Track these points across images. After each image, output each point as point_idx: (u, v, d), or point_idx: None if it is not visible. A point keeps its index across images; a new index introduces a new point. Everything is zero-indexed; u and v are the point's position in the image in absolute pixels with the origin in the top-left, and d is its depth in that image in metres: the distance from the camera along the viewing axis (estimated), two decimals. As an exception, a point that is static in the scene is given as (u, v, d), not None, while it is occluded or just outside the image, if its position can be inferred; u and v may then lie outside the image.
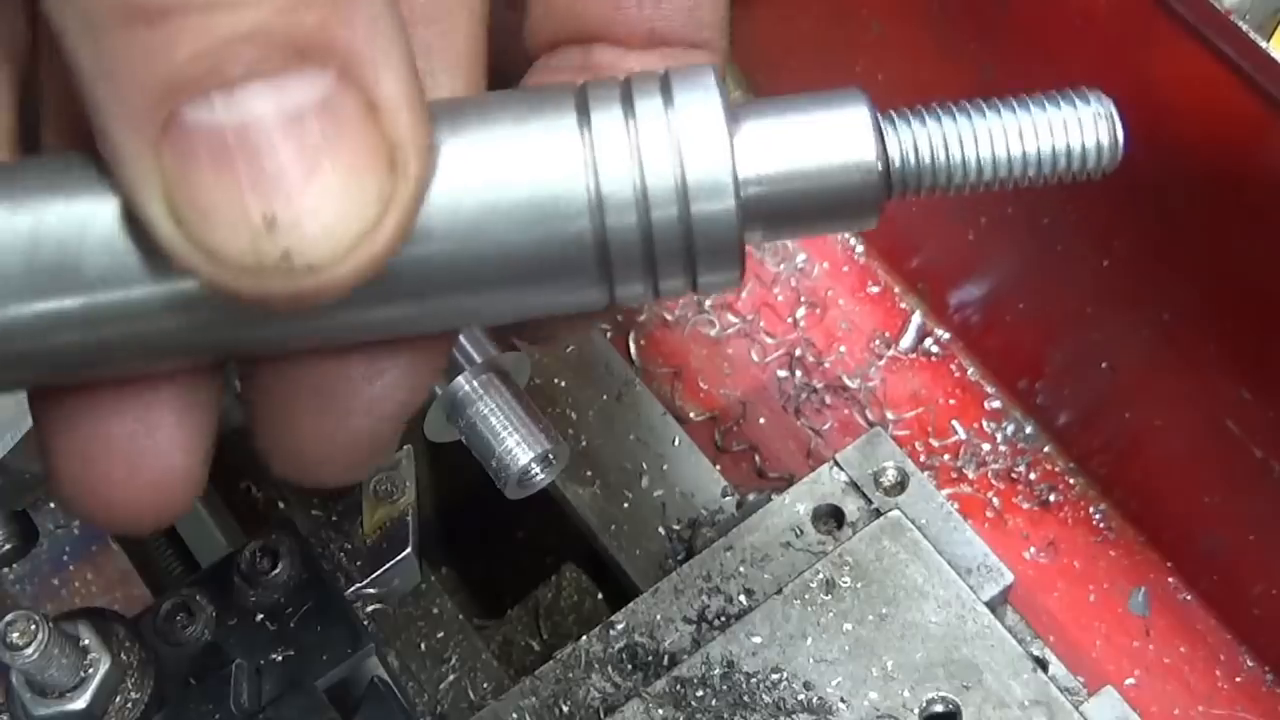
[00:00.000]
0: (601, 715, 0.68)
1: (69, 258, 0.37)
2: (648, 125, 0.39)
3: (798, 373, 0.92)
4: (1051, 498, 0.87)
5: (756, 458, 0.89)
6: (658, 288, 0.41)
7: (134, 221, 0.37)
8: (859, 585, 0.70)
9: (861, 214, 0.41)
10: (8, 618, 0.57)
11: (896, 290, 0.94)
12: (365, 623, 0.73)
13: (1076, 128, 0.42)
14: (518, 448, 0.64)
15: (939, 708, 0.67)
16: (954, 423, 0.90)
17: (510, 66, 0.47)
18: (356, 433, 0.43)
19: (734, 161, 0.39)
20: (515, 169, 0.38)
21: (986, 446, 0.89)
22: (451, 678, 0.77)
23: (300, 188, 0.35)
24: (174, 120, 0.35)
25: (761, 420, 0.90)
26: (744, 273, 0.41)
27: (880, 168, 0.41)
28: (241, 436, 0.45)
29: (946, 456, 0.89)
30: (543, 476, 0.65)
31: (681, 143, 0.39)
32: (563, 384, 0.86)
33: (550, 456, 0.64)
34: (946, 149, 0.41)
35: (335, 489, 0.81)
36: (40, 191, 0.38)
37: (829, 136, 0.41)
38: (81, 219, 0.38)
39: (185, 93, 0.35)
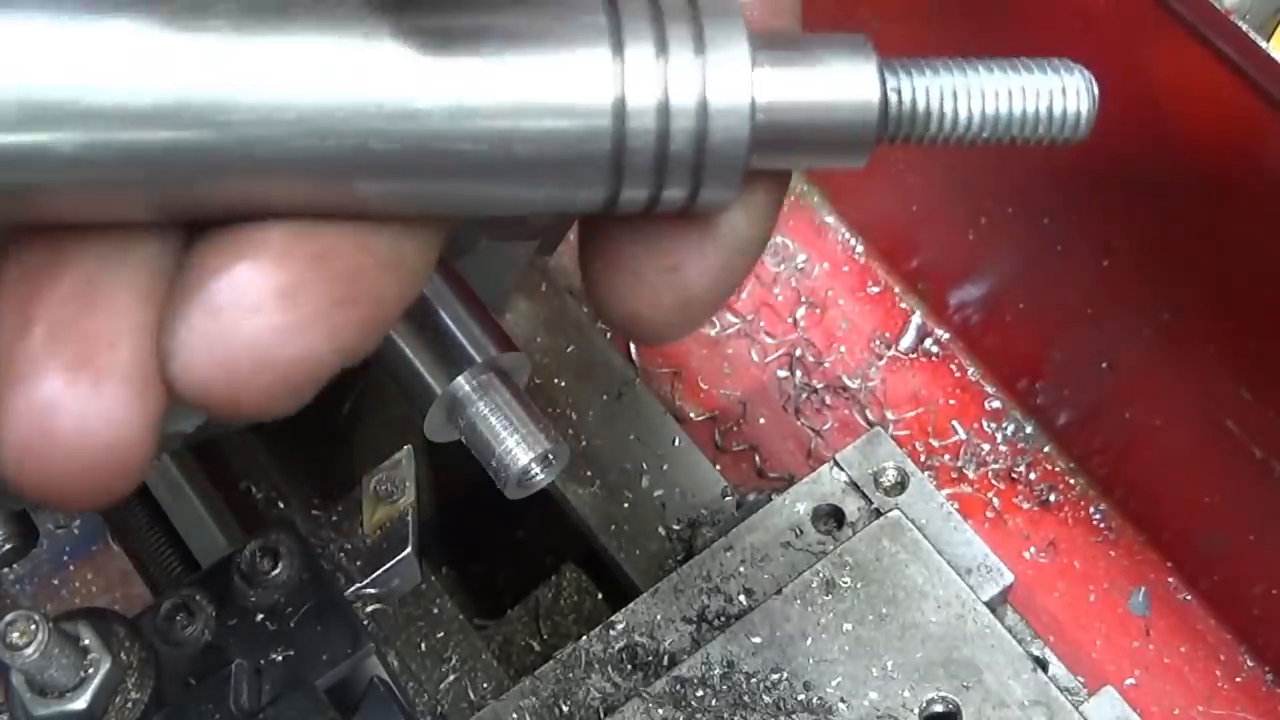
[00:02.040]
0: (601, 715, 0.68)
1: None
2: (678, 51, 0.41)
3: (798, 373, 0.92)
4: (1051, 498, 0.87)
5: (756, 458, 0.89)
6: (660, 196, 0.43)
7: None
8: (859, 585, 0.70)
9: (854, 152, 0.44)
10: (8, 618, 0.57)
11: (896, 290, 0.94)
12: (365, 623, 0.73)
13: (1060, 94, 0.44)
14: (518, 448, 0.64)
15: (939, 708, 0.67)
16: (954, 423, 0.90)
17: None
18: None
19: (753, 91, 0.42)
20: (551, 72, 0.41)
21: (986, 446, 0.89)
22: (451, 678, 0.77)
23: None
24: None
25: (761, 420, 0.90)
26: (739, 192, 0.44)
27: (879, 109, 0.43)
28: (240, 439, 0.45)
29: (946, 456, 0.89)
30: (543, 476, 0.65)
31: (707, 54, 0.41)
32: (563, 384, 0.86)
33: (550, 456, 0.64)
34: (941, 100, 0.44)
35: (333, 489, 0.82)
36: None
37: (838, 75, 0.44)
38: None
39: None
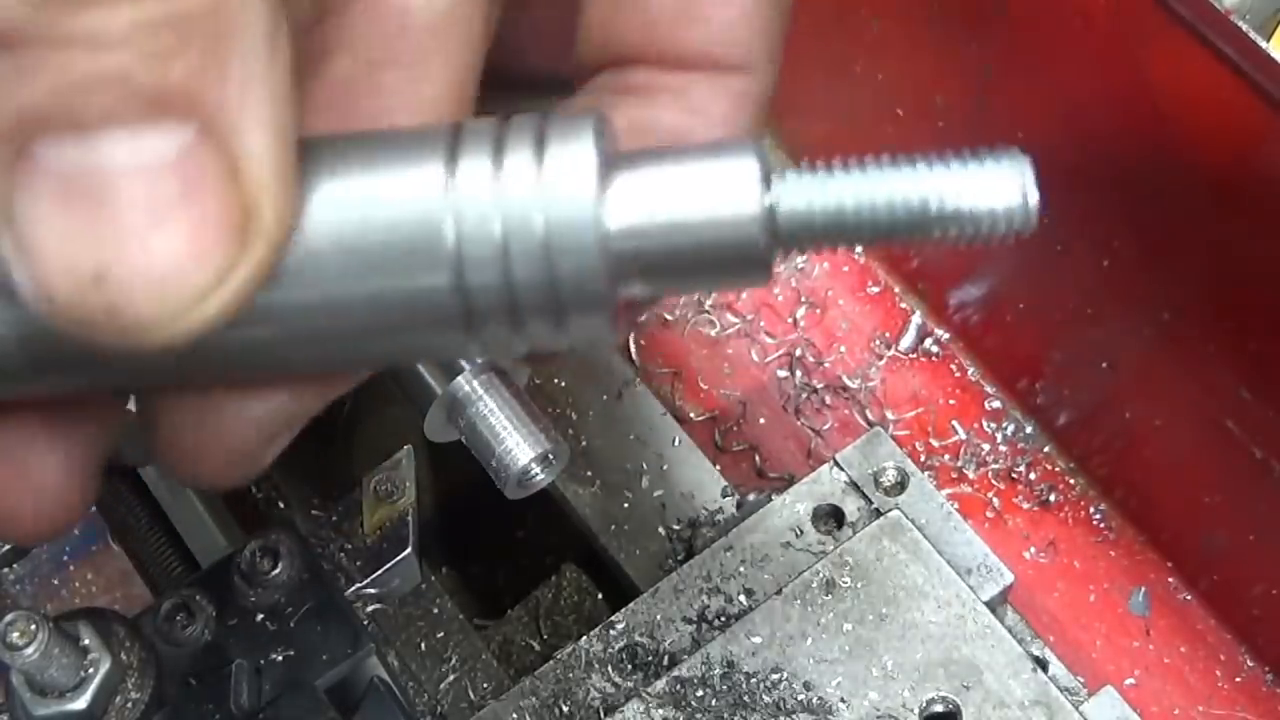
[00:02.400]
0: (601, 715, 0.68)
1: None
2: (514, 173, 0.37)
3: (798, 373, 0.92)
4: (1051, 498, 0.87)
5: (756, 458, 0.89)
6: (526, 337, 0.39)
7: None
8: (859, 585, 0.70)
9: (749, 270, 0.39)
10: (8, 618, 0.57)
11: (896, 290, 0.94)
12: (365, 623, 0.73)
13: (991, 190, 0.38)
14: (518, 448, 0.64)
15: (939, 708, 0.67)
16: (954, 423, 0.90)
17: (514, 74, 0.47)
18: (236, 443, 0.42)
19: (600, 214, 0.37)
20: (380, 217, 0.37)
21: (986, 446, 0.89)
22: (451, 678, 0.77)
23: (138, 243, 0.34)
24: (26, 154, 0.34)
25: (761, 420, 0.90)
26: (617, 327, 0.39)
27: (763, 220, 0.38)
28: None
29: (946, 456, 0.89)
30: (543, 476, 0.65)
31: (546, 189, 0.37)
32: (563, 384, 0.86)
33: (550, 456, 0.64)
34: (840, 203, 0.39)
35: (333, 489, 0.82)
36: None
37: (710, 187, 0.38)
38: None
39: (39, 129, 0.34)
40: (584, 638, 0.71)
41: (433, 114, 0.43)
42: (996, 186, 0.38)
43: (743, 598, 0.71)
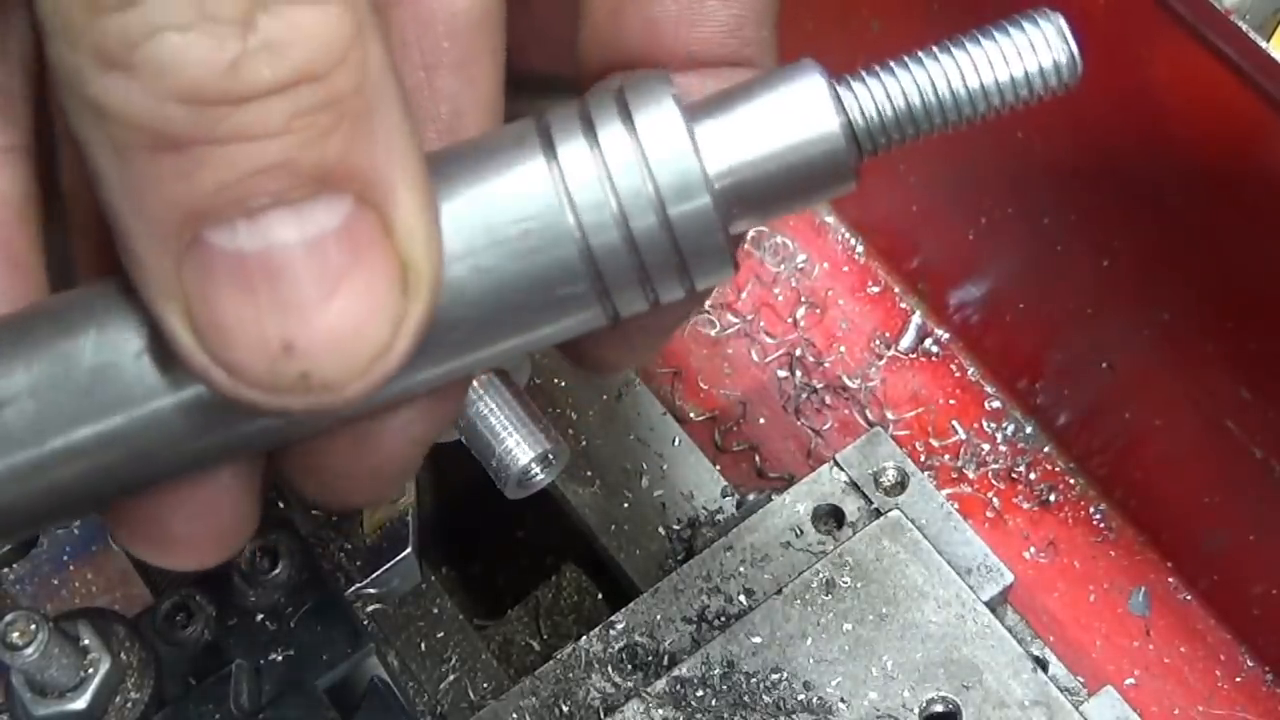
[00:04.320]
0: (601, 715, 0.68)
1: (108, 383, 0.39)
2: (610, 142, 0.40)
3: (798, 373, 0.92)
4: (1051, 498, 0.87)
5: (756, 458, 0.89)
6: (657, 296, 0.41)
7: (159, 342, 0.38)
8: (859, 585, 0.70)
9: (838, 180, 0.42)
10: (8, 618, 0.57)
11: (896, 290, 0.94)
12: (365, 623, 0.73)
13: (1031, 51, 0.42)
14: (518, 448, 0.64)
15: (939, 708, 0.67)
16: (954, 423, 0.90)
17: (515, 74, 0.48)
18: (385, 458, 0.44)
19: (699, 158, 0.40)
20: (504, 222, 0.39)
21: (986, 446, 0.89)
22: (451, 678, 0.77)
23: (318, 312, 0.36)
24: (197, 242, 0.36)
25: (761, 420, 0.90)
26: (737, 265, 0.42)
27: (843, 132, 0.41)
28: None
29: (946, 456, 0.89)
30: (543, 476, 0.65)
31: (645, 151, 0.40)
32: (563, 384, 0.86)
33: (550, 456, 0.64)
34: (906, 99, 0.42)
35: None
36: (77, 323, 0.39)
37: (788, 113, 0.41)
38: (114, 346, 0.39)
39: (209, 218, 0.35)
40: (584, 638, 0.71)
41: (494, 112, 0.45)
42: (1041, 45, 0.42)
43: (743, 598, 0.71)
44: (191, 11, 0.33)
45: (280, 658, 0.66)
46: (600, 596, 0.83)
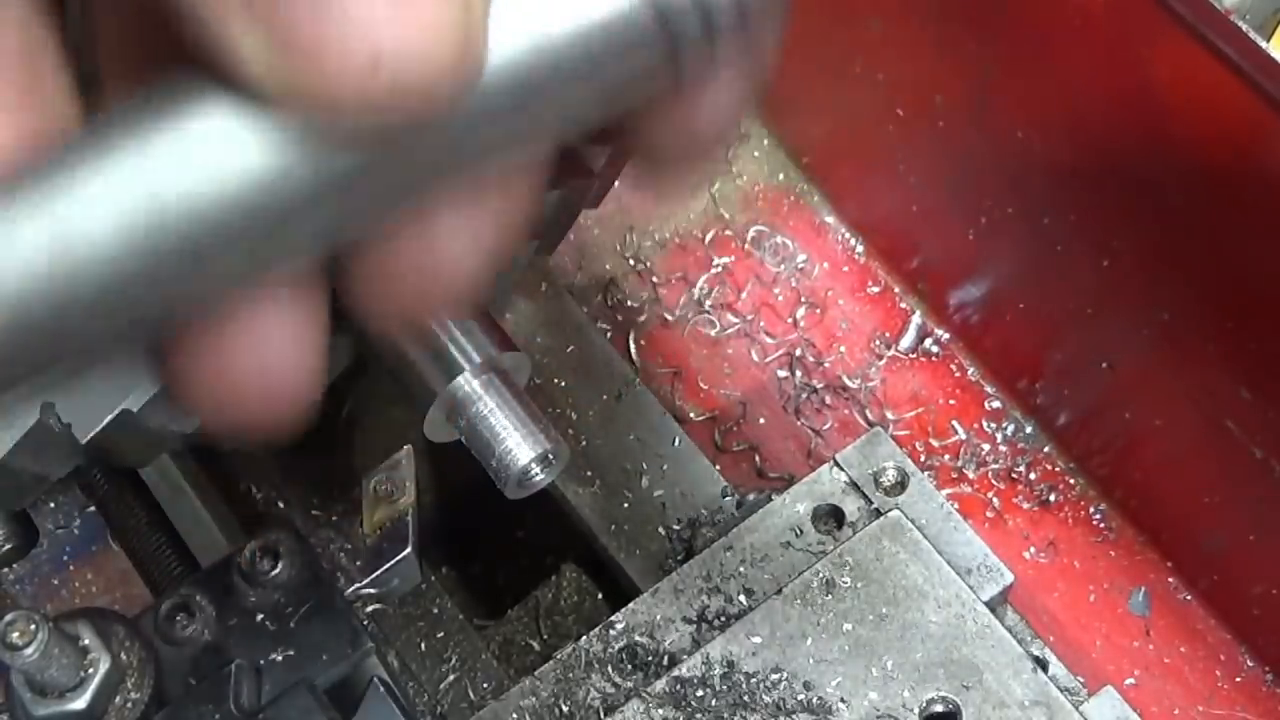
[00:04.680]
0: (601, 715, 0.68)
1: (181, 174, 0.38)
2: None
3: (798, 373, 0.92)
4: (1051, 498, 0.87)
5: (756, 458, 0.89)
6: (721, 49, 0.42)
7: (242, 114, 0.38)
8: (859, 585, 0.70)
9: None
10: (8, 618, 0.57)
11: (896, 290, 0.94)
12: (365, 623, 0.73)
13: None
14: (518, 448, 0.64)
15: (939, 708, 0.67)
16: (954, 423, 0.90)
17: None
18: (452, 260, 0.44)
19: None
20: None
21: (986, 446, 0.89)
22: (451, 678, 0.77)
23: (394, 22, 0.36)
24: None
25: (761, 420, 0.90)
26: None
27: None
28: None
29: (946, 456, 0.89)
30: (543, 476, 0.65)
31: None
32: (563, 384, 0.86)
33: (550, 456, 0.64)
34: None
35: (333, 489, 0.82)
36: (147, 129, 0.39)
37: None
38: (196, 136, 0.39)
39: None
40: (584, 638, 0.71)
41: None
42: None
43: (743, 598, 0.71)
44: None
45: (280, 658, 0.66)
46: (600, 596, 0.83)
